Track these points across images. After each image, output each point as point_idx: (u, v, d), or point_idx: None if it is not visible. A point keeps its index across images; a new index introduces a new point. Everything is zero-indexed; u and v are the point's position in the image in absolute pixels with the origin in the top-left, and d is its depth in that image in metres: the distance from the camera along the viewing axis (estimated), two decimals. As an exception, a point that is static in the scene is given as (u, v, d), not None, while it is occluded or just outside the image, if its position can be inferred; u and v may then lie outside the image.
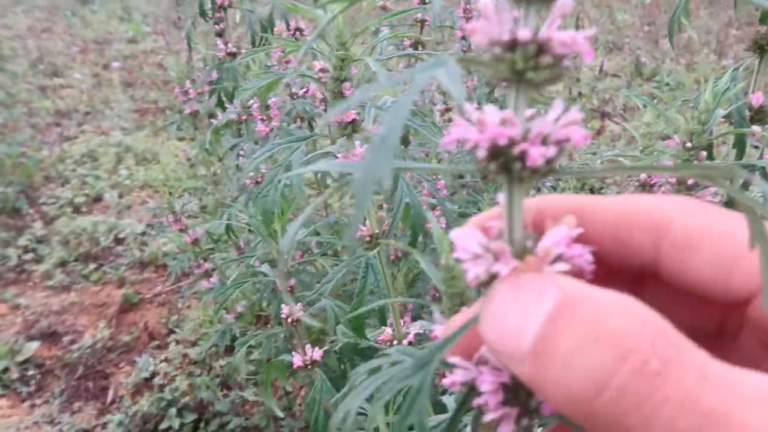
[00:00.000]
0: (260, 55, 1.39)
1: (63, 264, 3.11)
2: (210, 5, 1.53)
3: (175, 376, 2.38)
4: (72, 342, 2.64)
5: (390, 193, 0.96)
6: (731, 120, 0.94)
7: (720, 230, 0.32)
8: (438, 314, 0.78)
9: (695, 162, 0.81)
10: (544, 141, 0.29)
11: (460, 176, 1.87)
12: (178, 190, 3.70)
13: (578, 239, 0.31)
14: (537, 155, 0.29)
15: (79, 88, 5.25)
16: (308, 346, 1.29)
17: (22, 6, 7.66)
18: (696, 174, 0.29)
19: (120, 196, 3.70)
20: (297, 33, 1.78)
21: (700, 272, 0.32)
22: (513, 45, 0.28)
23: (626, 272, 0.36)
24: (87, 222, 3.34)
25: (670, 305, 0.35)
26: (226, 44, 1.61)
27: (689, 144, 0.81)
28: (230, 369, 2.31)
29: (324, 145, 1.54)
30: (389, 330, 1.12)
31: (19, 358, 2.53)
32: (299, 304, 1.28)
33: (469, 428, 0.34)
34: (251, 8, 1.57)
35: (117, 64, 5.79)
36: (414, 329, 1.10)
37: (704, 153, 0.82)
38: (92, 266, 3.07)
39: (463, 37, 1.83)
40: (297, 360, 1.28)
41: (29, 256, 3.16)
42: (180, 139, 4.27)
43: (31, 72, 5.56)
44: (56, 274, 3.02)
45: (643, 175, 0.86)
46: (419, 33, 1.77)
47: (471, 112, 0.30)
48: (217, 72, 1.56)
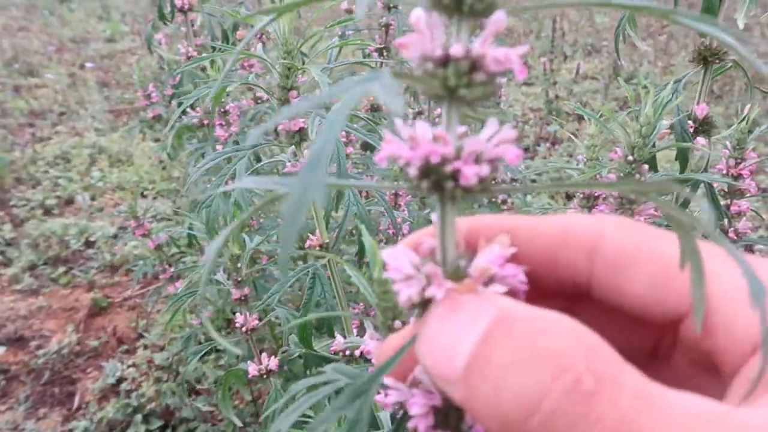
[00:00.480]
0: (218, 60, 1.37)
1: (32, 267, 3.06)
2: (169, 8, 1.51)
3: (142, 382, 2.35)
4: (39, 347, 2.60)
5: (336, 203, 0.95)
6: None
7: (652, 249, 0.31)
8: (370, 330, 0.77)
9: (636, 175, 0.81)
10: (478, 159, 0.29)
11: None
12: (152, 192, 3.66)
13: (511, 259, 0.31)
14: (470, 174, 0.28)
15: (54, 88, 5.18)
16: (264, 355, 1.28)
17: (-2, 4, 7.57)
18: (630, 190, 0.29)
19: (92, 199, 3.65)
20: (263, 36, 1.76)
21: (633, 291, 0.32)
22: (445, 61, 0.28)
23: (562, 292, 0.35)
24: (57, 225, 3.30)
25: (605, 325, 0.35)
26: (187, 48, 1.59)
27: (631, 157, 0.81)
28: (197, 374, 2.29)
29: (277, 153, 1.52)
30: (341, 339, 1.11)
31: (-16, 364, 2.48)
32: (255, 314, 1.26)
33: None
34: (212, 12, 1.55)
35: (91, 65, 5.73)
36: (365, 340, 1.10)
37: (646, 166, 0.82)
38: (61, 270, 3.03)
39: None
40: (252, 369, 1.26)
41: (-3, 260, 3.11)
42: (156, 140, 4.23)
43: (6, 71, 5.49)
44: (24, 278, 2.97)
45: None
46: (384, 38, 1.76)
47: (402, 129, 0.29)
48: (176, 77, 1.55)
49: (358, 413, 0.30)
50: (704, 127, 0.95)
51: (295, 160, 1.03)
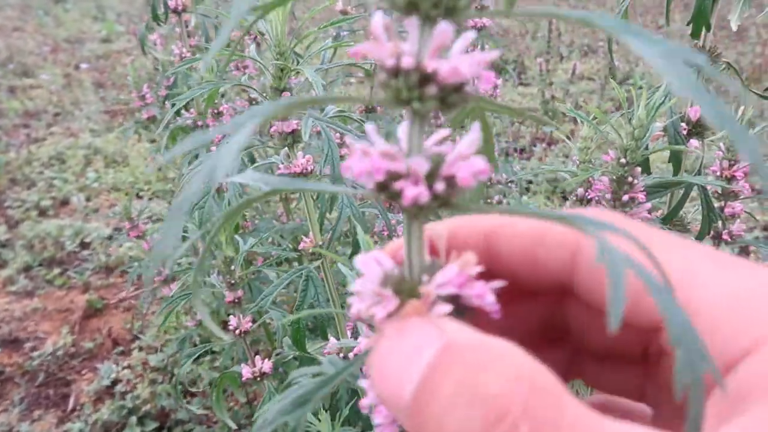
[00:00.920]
0: (212, 61, 1.37)
1: (27, 269, 3.05)
2: (163, 9, 1.50)
3: (137, 384, 2.34)
4: (33, 349, 2.59)
5: (330, 205, 0.95)
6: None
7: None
8: (365, 331, 0.76)
9: (629, 178, 0.80)
10: (432, 177, 0.27)
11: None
12: (148, 193, 3.65)
13: (481, 276, 0.29)
14: (410, 195, 0.26)
15: (49, 89, 5.17)
16: (258, 358, 1.27)
17: (-7, 4, 7.55)
18: (553, 220, 0.28)
19: (87, 200, 3.64)
20: (258, 37, 1.76)
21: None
22: (397, 72, 0.26)
23: (546, 293, 0.35)
24: (52, 226, 3.29)
25: (594, 323, 0.34)
26: (181, 49, 1.59)
27: (623, 160, 0.81)
28: (193, 376, 2.28)
29: (271, 154, 1.52)
30: (334, 340, 1.11)
31: (-22, 366, 2.48)
32: (249, 316, 1.26)
33: None
34: (206, 13, 1.54)
35: (86, 65, 5.71)
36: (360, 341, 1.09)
37: (639, 169, 0.82)
38: (56, 271, 3.02)
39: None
40: (246, 372, 1.26)
41: (-8, 261, 3.10)
42: (152, 141, 4.22)
43: (0, 72, 5.47)
44: (19, 280, 2.96)
45: (580, 189, 0.86)
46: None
47: (353, 143, 0.28)
48: (170, 78, 1.54)
49: (297, 422, 0.30)
50: (698, 129, 0.95)
51: (288, 162, 1.03)
